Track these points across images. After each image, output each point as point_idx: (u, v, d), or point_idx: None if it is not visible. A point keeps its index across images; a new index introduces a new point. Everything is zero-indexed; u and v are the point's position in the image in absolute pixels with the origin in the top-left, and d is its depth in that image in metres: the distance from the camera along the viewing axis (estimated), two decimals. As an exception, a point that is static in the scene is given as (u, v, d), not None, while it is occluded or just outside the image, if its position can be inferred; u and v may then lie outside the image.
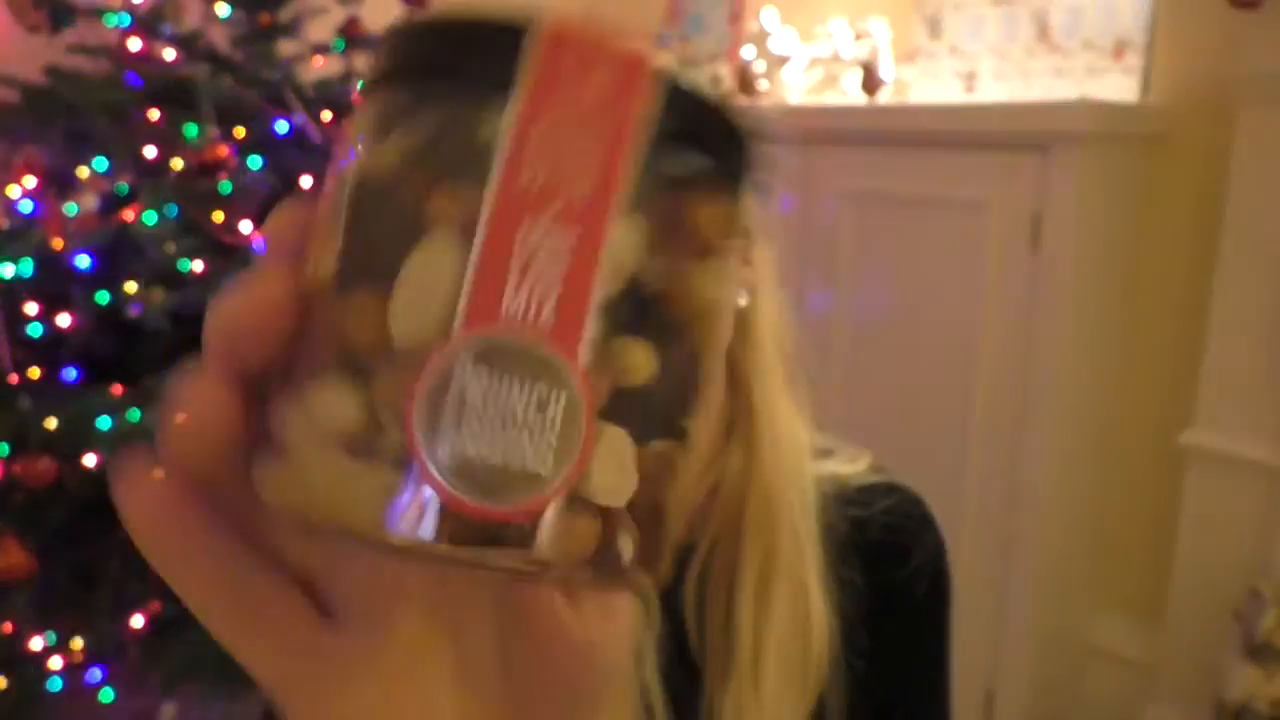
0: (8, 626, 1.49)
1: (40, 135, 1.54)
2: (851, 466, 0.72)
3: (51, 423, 1.43)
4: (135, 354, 1.60)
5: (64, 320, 1.61)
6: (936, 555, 0.72)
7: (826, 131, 2.02)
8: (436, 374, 0.21)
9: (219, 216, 1.55)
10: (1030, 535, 1.79)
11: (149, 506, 0.24)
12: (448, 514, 0.21)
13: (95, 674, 1.52)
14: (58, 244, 1.47)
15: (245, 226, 1.59)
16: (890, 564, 0.69)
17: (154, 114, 1.61)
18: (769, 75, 2.39)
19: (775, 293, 0.64)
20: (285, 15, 1.79)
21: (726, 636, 0.62)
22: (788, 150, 2.05)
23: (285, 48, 1.83)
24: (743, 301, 0.61)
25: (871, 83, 2.16)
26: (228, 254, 1.58)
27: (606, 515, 0.22)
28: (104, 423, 1.45)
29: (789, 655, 0.61)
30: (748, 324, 0.63)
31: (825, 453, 0.72)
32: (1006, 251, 1.75)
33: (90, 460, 1.44)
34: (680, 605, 0.63)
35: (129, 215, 1.51)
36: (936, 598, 0.72)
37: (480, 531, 0.21)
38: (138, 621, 1.52)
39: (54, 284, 1.60)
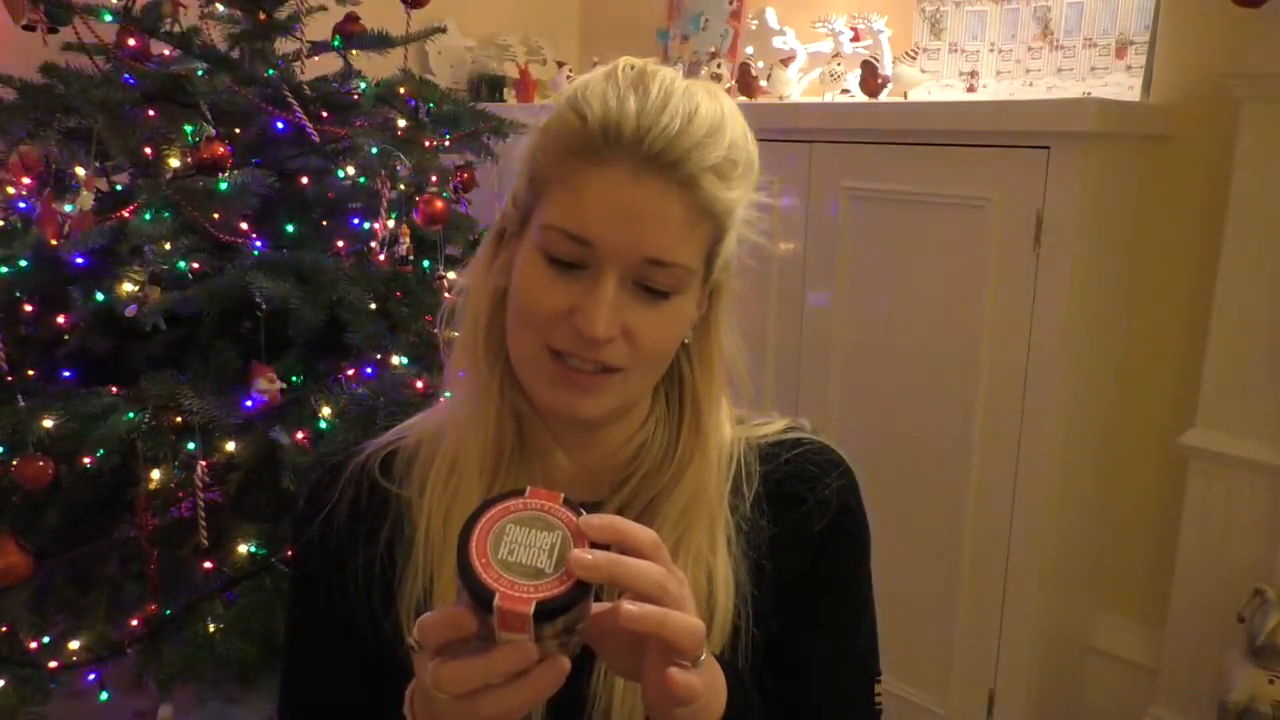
0: (4, 627, 1.48)
1: (36, 134, 1.53)
2: (765, 428, 0.79)
3: (48, 423, 1.42)
4: (132, 353, 1.59)
5: (60, 319, 1.61)
6: (841, 494, 0.78)
7: (828, 130, 2.02)
8: None
9: (216, 215, 1.55)
10: (1032, 536, 1.78)
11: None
12: None
13: (92, 675, 1.51)
14: (54, 243, 1.46)
15: (243, 226, 1.59)
16: (793, 503, 0.76)
17: (151, 113, 1.60)
18: (770, 74, 2.38)
19: (729, 324, 0.74)
20: (282, 13, 1.78)
21: None
22: (789, 149, 2.05)
23: (283, 46, 1.82)
24: (686, 340, 0.72)
25: (872, 81, 2.15)
26: (225, 253, 1.58)
27: None
28: (101, 423, 1.44)
29: None
30: (705, 352, 0.73)
31: (741, 420, 0.79)
32: (1008, 250, 1.74)
33: (87, 461, 1.43)
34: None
35: (126, 214, 1.50)
36: (839, 533, 0.78)
37: None
38: (134, 623, 1.51)
39: (50, 283, 1.60)
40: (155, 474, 1.45)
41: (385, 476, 0.76)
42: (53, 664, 1.47)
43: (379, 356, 1.62)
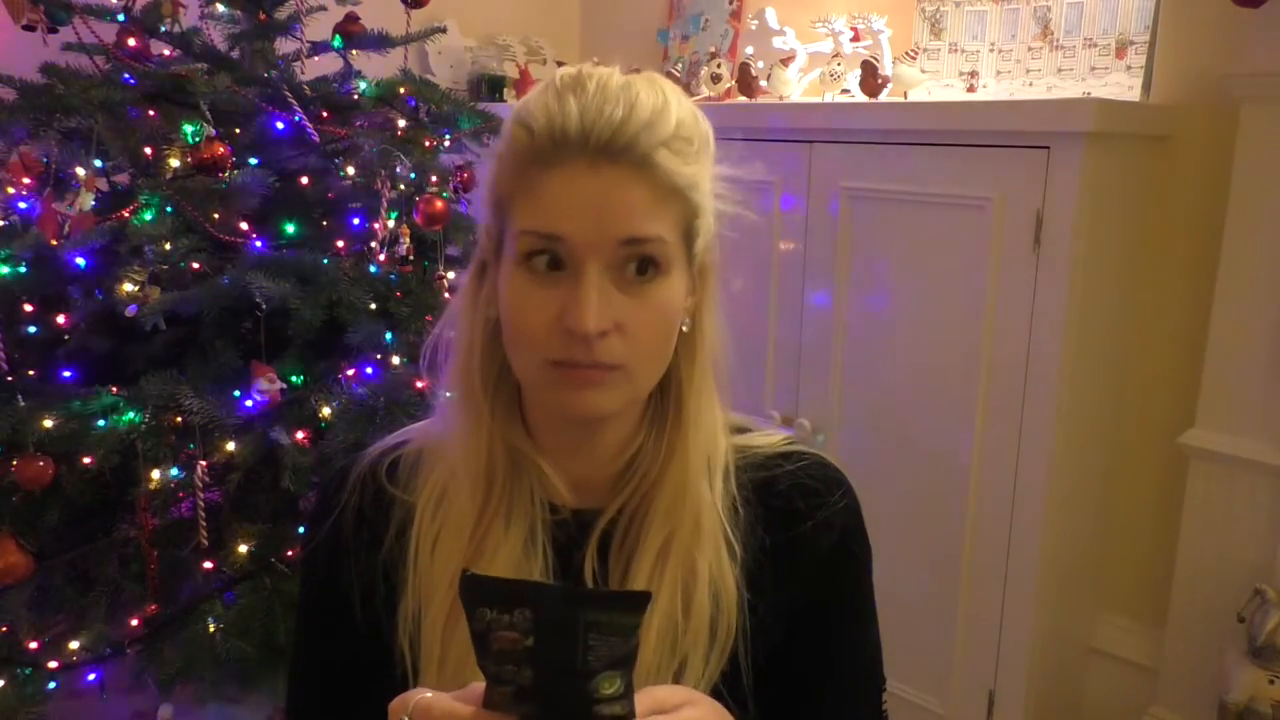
0: (4, 627, 1.48)
1: (36, 134, 1.53)
2: (765, 440, 0.79)
3: (48, 423, 1.42)
4: (132, 353, 1.59)
5: (60, 319, 1.61)
6: (846, 513, 0.78)
7: (828, 130, 2.02)
8: None
9: (216, 215, 1.55)
10: (1032, 536, 1.78)
11: None
12: None
13: (92, 675, 1.51)
14: (54, 243, 1.46)
15: (243, 225, 1.59)
16: (792, 517, 0.76)
17: (151, 113, 1.60)
18: (770, 74, 2.38)
19: (716, 315, 0.74)
20: (282, 13, 1.78)
21: None
22: (789, 149, 2.05)
23: (283, 46, 1.82)
24: (684, 328, 0.71)
25: (872, 81, 2.15)
26: (225, 253, 1.58)
27: None
28: (101, 423, 1.44)
29: (669, 628, 0.69)
30: (689, 341, 0.72)
31: (742, 430, 0.79)
32: (1008, 250, 1.74)
33: (87, 461, 1.43)
34: (580, 565, 0.73)
35: (126, 214, 1.50)
36: (845, 552, 0.78)
37: None
38: (135, 623, 1.51)
39: (50, 283, 1.60)
40: (155, 474, 1.45)
41: (390, 481, 0.77)
42: (53, 664, 1.47)
43: (379, 356, 1.63)
